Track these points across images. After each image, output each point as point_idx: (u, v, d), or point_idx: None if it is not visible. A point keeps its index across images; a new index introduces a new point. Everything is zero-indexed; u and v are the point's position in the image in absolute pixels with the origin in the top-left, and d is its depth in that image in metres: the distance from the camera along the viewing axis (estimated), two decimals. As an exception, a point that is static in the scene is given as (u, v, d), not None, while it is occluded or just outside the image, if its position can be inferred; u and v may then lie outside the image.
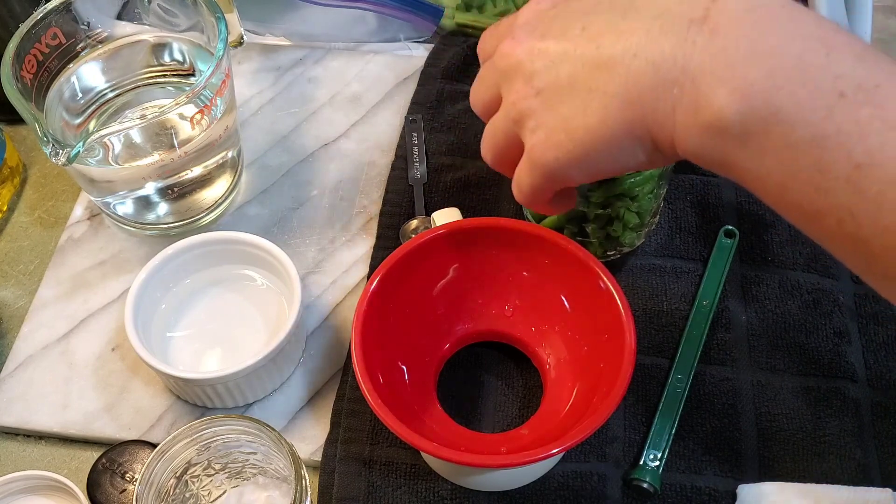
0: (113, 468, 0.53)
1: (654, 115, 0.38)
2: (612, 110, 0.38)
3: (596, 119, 0.39)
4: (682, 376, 0.56)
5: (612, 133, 0.39)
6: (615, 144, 0.39)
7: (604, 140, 0.39)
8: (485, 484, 0.53)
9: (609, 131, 0.39)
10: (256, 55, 0.76)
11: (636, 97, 0.38)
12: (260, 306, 0.60)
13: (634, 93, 0.38)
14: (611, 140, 0.39)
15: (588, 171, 0.41)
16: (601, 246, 0.59)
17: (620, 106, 0.38)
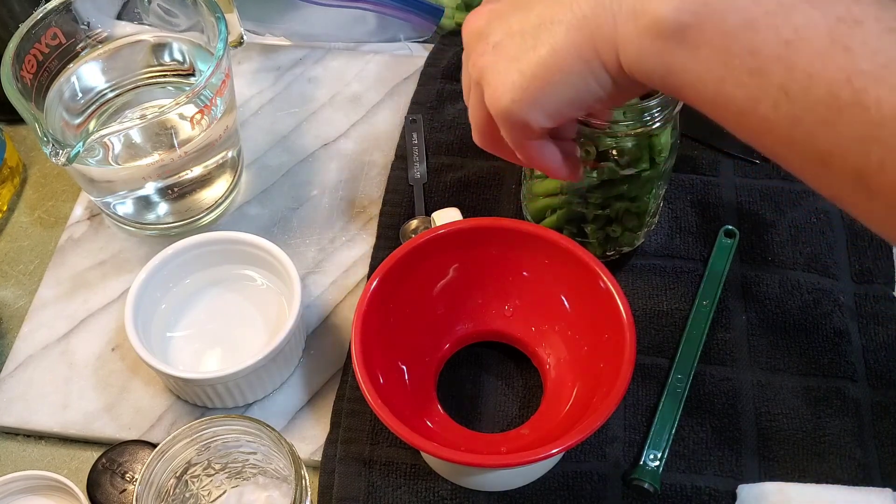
0: (113, 468, 0.53)
1: (599, 31, 0.39)
2: (560, 36, 0.40)
3: (546, 49, 0.40)
4: (682, 376, 0.56)
5: (564, 59, 0.40)
6: (567, 71, 0.40)
7: (556, 68, 0.40)
8: (485, 484, 0.53)
9: (560, 58, 0.40)
10: (256, 55, 0.76)
11: (581, 19, 0.39)
12: (260, 306, 0.60)
13: (579, 14, 0.39)
14: (562, 67, 0.40)
15: (547, 110, 0.42)
16: (600, 246, 0.59)
17: (567, 30, 0.40)
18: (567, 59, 0.40)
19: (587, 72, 0.40)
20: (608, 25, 0.39)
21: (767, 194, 0.64)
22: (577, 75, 0.40)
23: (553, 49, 0.40)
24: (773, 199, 0.64)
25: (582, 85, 0.41)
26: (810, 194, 0.64)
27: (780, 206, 0.64)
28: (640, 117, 0.51)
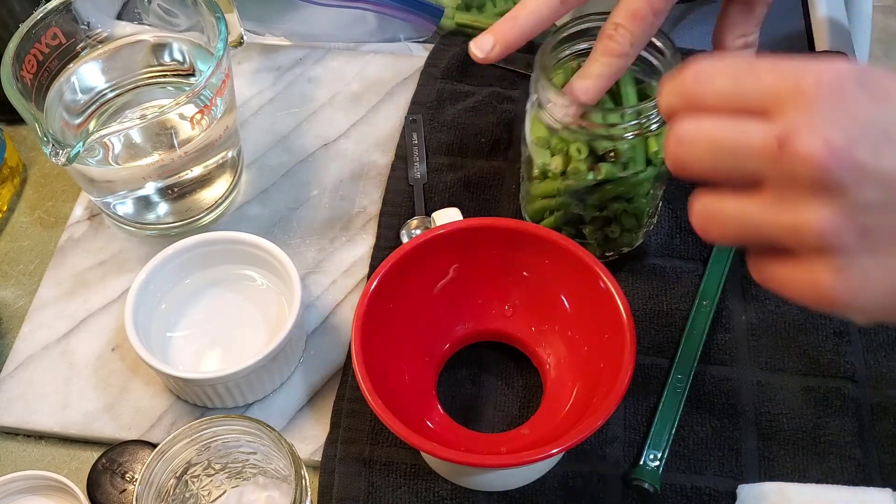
0: (113, 468, 0.53)
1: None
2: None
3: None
4: (682, 376, 0.56)
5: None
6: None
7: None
8: (485, 484, 0.53)
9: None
10: (256, 55, 0.76)
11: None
12: (260, 306, 0.60)
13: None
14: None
15: (879, 319, 0.36)
16: (599, 247, 0.59)
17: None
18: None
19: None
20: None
21: (767, 194, 0.64)
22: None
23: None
24: (773, 199, 0.64)
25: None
26: (810, 194, 0.64)
27: (780, 206, 0.64)
28: (637, 119, 0.51)
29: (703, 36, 0.77)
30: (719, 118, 0.35)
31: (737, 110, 0.35)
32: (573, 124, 0.51)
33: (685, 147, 0.36)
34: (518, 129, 0.69)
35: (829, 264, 0.33)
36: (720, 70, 0.36)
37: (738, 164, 0.34)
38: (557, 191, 0.56)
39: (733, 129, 0.34)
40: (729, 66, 0.36)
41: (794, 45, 0.76)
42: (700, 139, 0.35)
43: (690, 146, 0.36)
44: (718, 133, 0.35)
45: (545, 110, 0.52)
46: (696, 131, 0.35)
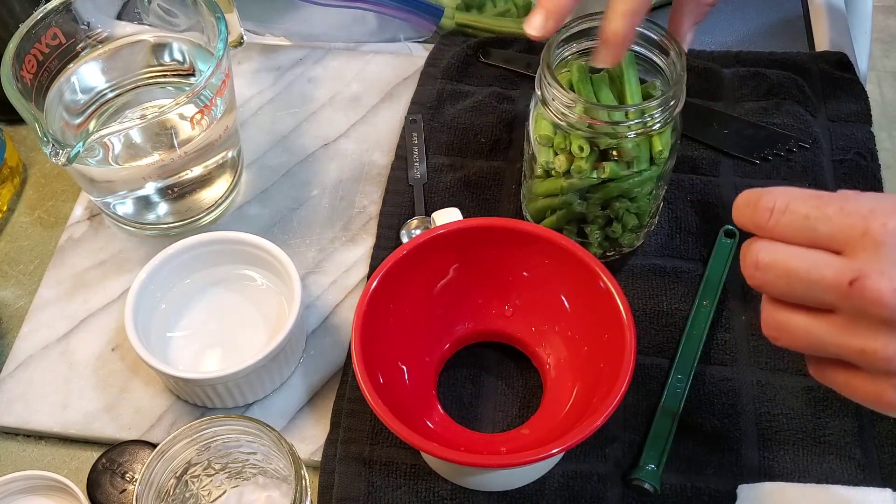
0: (113, 468, 0.53)
1: None
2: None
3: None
4: (682, 376, 0.56)
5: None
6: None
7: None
8: (485, 484, 0.53)
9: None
10: (256, 55, 0.76)
11: None
12: (260, 306, 0.60)
13: None
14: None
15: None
16: (600, 247, 0.60)
17: None
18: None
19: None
20: None
21: (767, 194, 0.64)
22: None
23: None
24: (773, 199, 0.64)
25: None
26: (810, 194, 0.64)
27: (780, 206, 0.64)
28: (640, 118, 0.51)
29: (704, 35, 0.77)
30: (793, 249, 0.39)
31: (809, 244, 0.38)
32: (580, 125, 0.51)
33: (762, 273, 0.40)
34: (518, 129, 0.69)
35: (894, 384, 0.37)
36: (793, 204, 0.39)
37: (811, 294, 0.38)
38: (560, 189, 0.56)
39: (807, 262, 0.38)
40: (800, 201, 0.39)
41: (794, 45, 0.76)
42: (776, 268, 0.39)
43: (767, 272, 0.39)
44: (793, 263, 0.38)
45: (549, 108, 0.52)
46: (771, 260, 0.39)
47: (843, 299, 0.37)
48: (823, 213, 0.38)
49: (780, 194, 0.40)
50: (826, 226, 0.38)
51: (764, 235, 0.40)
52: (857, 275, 0.36)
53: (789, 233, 0.39)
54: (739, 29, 0.78)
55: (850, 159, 0.66)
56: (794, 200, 0.39)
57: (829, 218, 0.38)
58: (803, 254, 0.38)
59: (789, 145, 0.66)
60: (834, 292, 0.37)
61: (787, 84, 0.70)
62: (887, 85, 1.85)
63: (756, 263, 0.40)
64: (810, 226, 0.38)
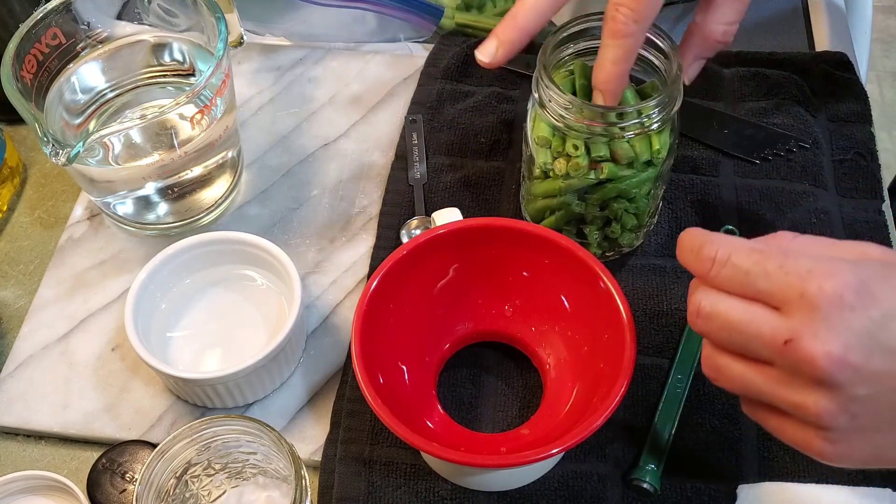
0: (113, 468, 0.53)
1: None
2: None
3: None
4: (682, 376, 0.56)
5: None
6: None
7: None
8: (485, 484, 0.53)
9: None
10: (256, 55, 0.76)
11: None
12: (260, 306, 0.60)
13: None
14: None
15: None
16: (599, 247, 0.59)
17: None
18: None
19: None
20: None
21: (767, 194, 0.64)
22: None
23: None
24: (773, 199, 0.64)
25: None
26: (810, 194, 0.64)
27: (780, 206, 0.64)
28: (638, 118, 0.51)
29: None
30: (733, 301, 0.40)
31: (749, 297, 0.40)
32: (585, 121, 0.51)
33: (703, 321, 0.41)
34: (518, 130, 0.69)
35: (822, 435, 0.39)
36: (734, 257, 0.40)
37: (748, 346, 0.40)
38: (559, 190, 0.56)
39: (746, 316, 0.40)
40: (742, 254, 0.40)
41: (794, 45, 0.76)
42: (716, 318, 0.41)
43: (708, 321, 0.41)
44: (732, 316, 0.40)
45: (547, 109, 0.52)
46: (712, 311, 0.41)
47: (778, 356, 0.38)
48: (763, 268, 0.39)
49: (722, 245, 0.41)
50: (765, 282, 0.39)
51: (706, 284, 0.42)
52: (792, 335, 0.38)
53: (729, 285, 0.40)
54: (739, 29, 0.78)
55: (850, 159, 0.66)
56: (735, 253, 0.40)
57: (768, 275, 0.39)
58: (742, 307, 0.40)
59: (789, 145, 0.66)
60: (770, 349, 0.39)
61: (787, 84, 0.70)
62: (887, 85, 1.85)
63: (698, 311, 0.41)
64: (750, 281, 0.39)
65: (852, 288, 0.37)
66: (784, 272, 0.39)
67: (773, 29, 0.78)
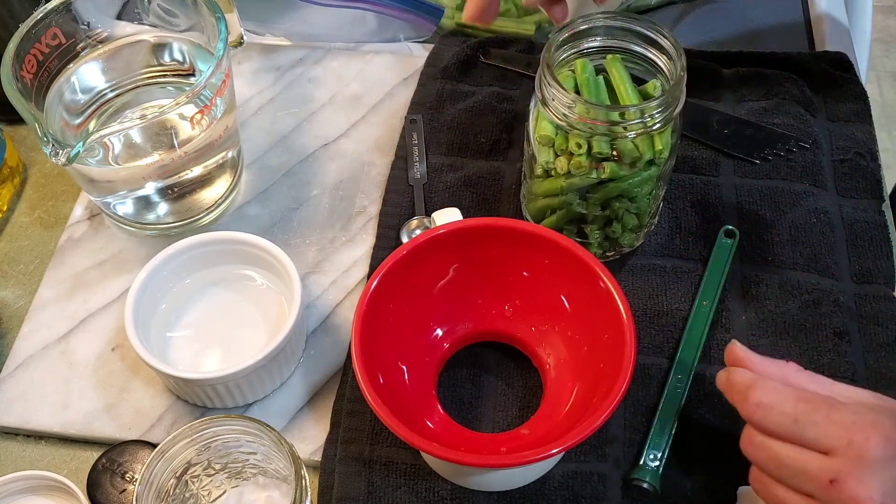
0: (113, 468, 0.53)
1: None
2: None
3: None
4: (682, 376, 0.56)
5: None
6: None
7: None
8: (485, 484, 0.53)
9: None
10: (256, 55, 0.76)
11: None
12: (260, 306, 0.60)
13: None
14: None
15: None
16: (600, 247, 0.60)
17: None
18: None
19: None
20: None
21: (767, 194, 0.64)
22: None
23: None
24: (773, 199, 0.64)
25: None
26: (810, 194, 0.64)
27: (780, 206, 0.64)
28: (640, 118, 0.51)
29: (704, 35, 0.77)
30: (783, 443, 0.45)
31: (794, 441, 0.44)
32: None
33: (754, 449, 0.46)
34: (518, 129, 0.69)
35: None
36: (781, 405, 0.45)
37: (795, 480, 0.44)
38: (561, 189, 0.56)
39: (795, 457, 0.44)
40: (788, 403, 0.45)
41: (794, 45, 0.76)
42: (768, 454, 0.45)
43: (759, 450, 0.46)
44: (782, 454, 0.44)
45: (550, 108, 0.52)
46: (763, 448, 0.45)
47: (822, 492, 0.43)
48: (811, 418, 0.44)
49: (768, 394, 0.45)
50: (813, 431, 0.44)
51: (753, 426, 0.46)
52: (838, 476, 0.42)
53: (777, 429, 0.45)
54: (739, 29, 0.78)
55: (850, 159, 0.66)
56: (782, 401, 0.45)
57: (816, 424, 0.44)
58: (793, 450, 0.44)
59: (789, 145, 0.66)
60: (816, 484, 0.43)
61: (787, 84, 0.70)
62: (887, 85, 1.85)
63: (751, 443, 0.46)
64: (799, 429, 0.44)
65: (893, 440, 0.42)
66: (831, 422, 0.43)
67: (773, 29, 0.78)
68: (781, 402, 0.45)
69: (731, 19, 0.79)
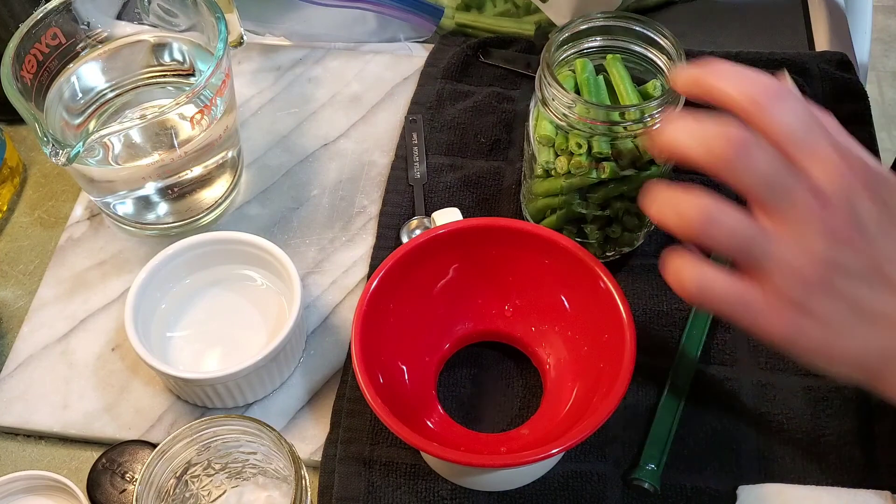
0: (113, 468, 0.53)
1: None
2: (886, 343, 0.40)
3: (860, 342, 0.41)
4: (682, 376, 0.56)
5: (871, 363, 0.41)
6: (848, 373, 0.42)
7: (843, 363, 0.41)
8: (485, 484, 0.53)
9: (868, 360, 0.41)
10: (256, 55, 0.76)
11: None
12: (260, 306, 0.60)
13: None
14: (848, 367, 0.41)
15: (816, 362, 0.42)
16: (600, 247, 0.59)
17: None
18: (872, 367, 0.41)
19: (860, 380, 0.41)
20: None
21: (767, 194, 0.64)
22: (852, 377, 0.41)
23: (867, 348, 0.40)
24: (773, 199, 0.64)
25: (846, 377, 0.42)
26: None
27: (780, 206, 0.64)
28: (640, 118, 0.51)
29: (704, 35, 0.77)
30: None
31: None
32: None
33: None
34: (518, 129, 0.69)
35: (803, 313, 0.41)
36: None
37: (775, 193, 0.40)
38: (561, 188, 0.56)
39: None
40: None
41: (794, 45, 0.76)
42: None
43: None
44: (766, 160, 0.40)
45: (550, 108, 0.52)
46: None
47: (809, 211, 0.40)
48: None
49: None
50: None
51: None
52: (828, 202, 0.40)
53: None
54: (739, 29, 0.78)
55: (850, 159, 0.66)
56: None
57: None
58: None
59: (789, 145, 0.66)
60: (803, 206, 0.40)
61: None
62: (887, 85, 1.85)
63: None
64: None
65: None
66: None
67: (773, 29, 0.78)
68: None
69: (730, 19, 0.79)
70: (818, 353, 0.41)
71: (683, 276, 0.42)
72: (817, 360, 0.42)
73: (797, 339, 0.41)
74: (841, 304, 0.40)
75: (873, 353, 0.41)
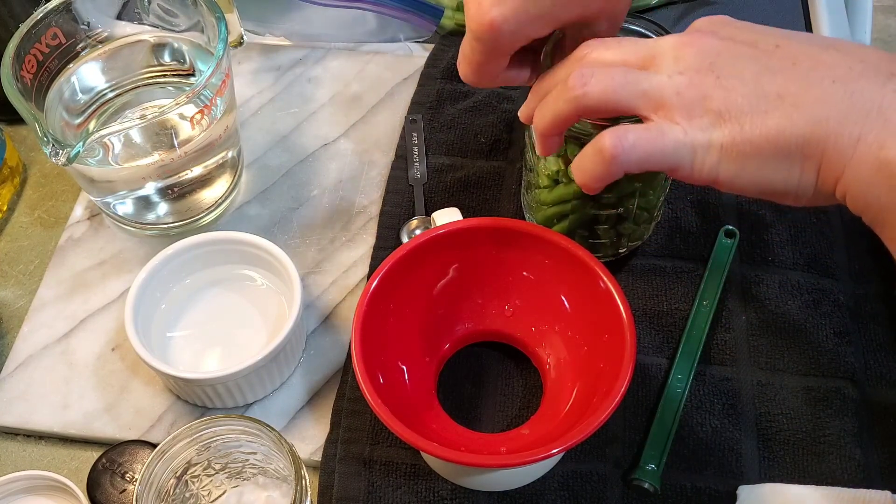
0: (113, 468, 0.53)
1: (837, 140, 0.38)
2: (797, 121, 0.39)
3: (774, 124, 0.39)
4: (682, 376, 0.56)
5: (787, 143, 0.39)
6: (783, 156, 0.40)
7: (776, 148, 0.40)
8: (485, 484, 0.53)
9: (785, 141, 0.39)
10: (256, 55, 0.76)
11: (824, 117, 0.39)
12: (260, 306, 0.60)
13: (823, 113, 0.39)
14: (782, 150, 0.40)
15: (743, 181, 0.41)
16: (612, 246, 0.59)
17: (806, 121, 0.39)
18: (790, 147, 0.39)
19: (797, 166, 0.40)
20: (848, 140, 0.38)
21: (767, 194, 0.64)
22: (788, 165, 0.40)
23: (781, 131, 0.39)
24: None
25: (785, 173, 0.40)
26: (810, 194, 0.64)
27: (779, 207, 0.64)
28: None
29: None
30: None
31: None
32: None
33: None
34: (518, 129, 0.69)
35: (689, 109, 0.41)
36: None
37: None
38: (574, 194, 0.55)
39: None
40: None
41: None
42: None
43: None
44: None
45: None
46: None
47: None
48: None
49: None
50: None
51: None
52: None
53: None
54: (739, 29, 0.78)
55: (850, 159, 0.66)
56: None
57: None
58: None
59: (789, 145, 0.66)
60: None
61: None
62: (887, 85, 1.85)
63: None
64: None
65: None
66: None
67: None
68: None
69: (731, 19, 0.79)
70: (750, 153, 0.40)
71: (602, 145, 0.42)
72: (755, 162, 0.40)
73: (729, 149, 0.40)
74: (739, 91, 0.40)
75: (797, 135, 0.40)
